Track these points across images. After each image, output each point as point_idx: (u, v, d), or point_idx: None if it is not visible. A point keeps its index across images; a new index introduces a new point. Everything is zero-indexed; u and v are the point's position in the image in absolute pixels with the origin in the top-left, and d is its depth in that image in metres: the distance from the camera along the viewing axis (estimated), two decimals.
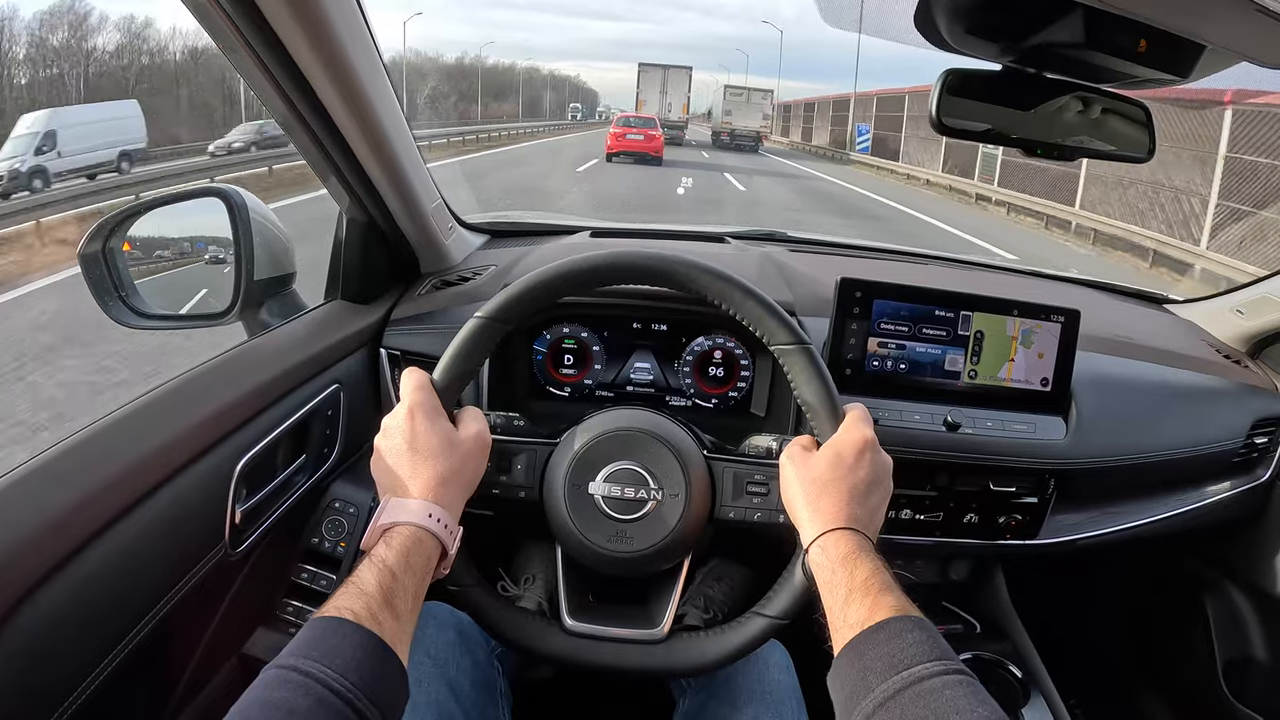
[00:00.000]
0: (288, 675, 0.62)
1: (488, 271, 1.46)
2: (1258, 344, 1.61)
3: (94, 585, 0.77)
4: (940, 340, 1.26)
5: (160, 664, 0.94)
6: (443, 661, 1.02)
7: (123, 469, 0.82)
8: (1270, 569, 1.53)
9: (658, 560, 0.94)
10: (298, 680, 0.62)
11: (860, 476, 0.84)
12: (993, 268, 2.01)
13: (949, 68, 0.97)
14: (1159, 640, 1.82)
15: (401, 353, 1.29)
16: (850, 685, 0.69)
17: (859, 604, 0.74)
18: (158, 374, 1.12)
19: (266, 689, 0.61)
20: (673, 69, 39.10)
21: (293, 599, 1.16)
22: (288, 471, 1.11)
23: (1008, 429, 1.27)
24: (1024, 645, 1.41)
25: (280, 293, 1.27)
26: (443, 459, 0.83)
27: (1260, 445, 1.50)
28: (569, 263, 0.94)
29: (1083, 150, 1.05)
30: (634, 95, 38.32)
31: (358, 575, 0.73)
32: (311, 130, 1.07)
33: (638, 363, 1.33)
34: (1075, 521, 1.38)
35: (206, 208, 1.21)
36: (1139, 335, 1.56)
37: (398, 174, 1.20)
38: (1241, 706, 1.59)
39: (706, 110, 56.23)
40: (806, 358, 0.91)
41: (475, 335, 0.91)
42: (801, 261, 1.62)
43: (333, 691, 0.62)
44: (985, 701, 0.64)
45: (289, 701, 0.60)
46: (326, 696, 0.61)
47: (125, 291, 1.19)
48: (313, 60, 0.95)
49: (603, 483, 0.92)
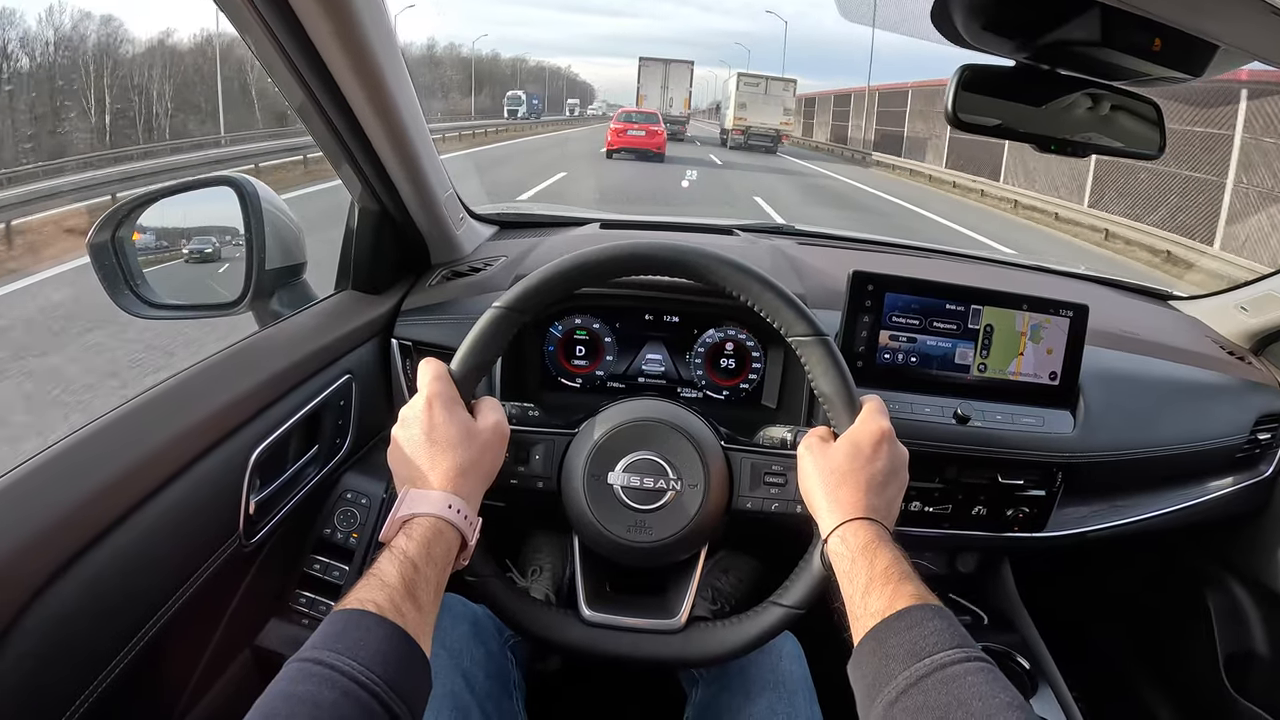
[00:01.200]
0: (311, 668, 0.62)
1: (499, 262, 1.46)
2: (1262, 340, 1.62)
3: (106, 581, 0.77)
4: (950, 334, 1.26)
5: (173, 657, 0.93)
6: (457, 653, 1.02)
7: (136, 462, 0.82)
8: (1272, 564, 1.55)
9: (676, 550, 0.94)
10: (322, 673, 0.61)
11: (878, 467, 0.85)
12: (1001, 263, 2.02)
13: (965, 63, 0.98)
14: (1162, 633, 1.83)
15: (413, 343, 1.29)
16: (872, 673, 0.70)
17: (879, 593, 0.74)
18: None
19: (290, 682, 0.61)
20: (674, 63, 38.33)
21: (305, 590, 1.16)
22: (300, 462, 1.11)
23: (1016, 422, 1.28)
24: (1031, 637, 1.42)
25: (291, 282, 1.27)
26: (462, 449, 0.83)
27: (1264, 441, 1.51)
28: (587, 253, 0.94)
29: (1093, 146, 1.05)
30: (633, 90, 37.81)
31: (379, 567, 0.72)
32: (328, 118, 1.07)
33: (649, 354, 1.34)
34: (1082, 515, 1.39)
35: (217, 196, 1.21)
36: (1145, 331, 1.57)
37: (413, 163, 1.20)
38: (1242, 700, 1.60)
39: (713, 104, 54.27)
40: (824, 349, 0.91)
41: (494, 325, 0.91)
42: (810, 254, 1.62)
43: (358, 684, 0.61)
44: (1006, 688, 0.64)
45: (313, 695, 0.60)
46: (352, 689, 0.61)
47: (135, 281, 1.19)
48: (335, 47, 0.95)
49: (622, 473, 0.93)
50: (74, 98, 29.96)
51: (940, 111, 1.01)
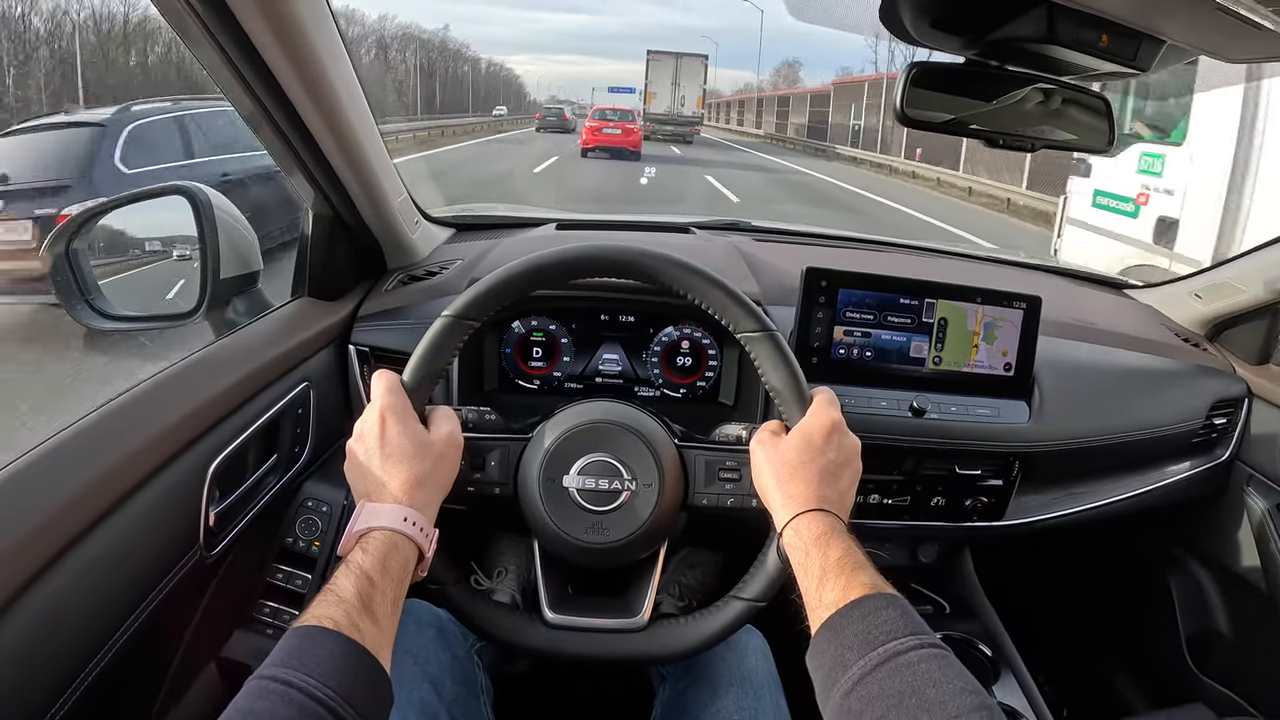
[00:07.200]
0: (270, 686, 0.62)
1: (454, 265, 1.46)
2: (1215, 327, 1.65)
3: (68, 597, 0.76)
4: (905, 328, 1.28)
5: (139, 673, 0.93)
6: (424, 659, 1.02)
7: (91, 481, 0.81)
8: (1231, 545, 1.58)
9: (634, 549, 0.95)
10: (280, 690, 0.62)
11: (830, 458, 0.86)
12: (956, 254, 2.04)
13: (914, 60, 0.99)
14: (1125, 616, 1.86)
15: (370, 349, 1.29)
16: (829, 663, 0.70)
17: (833, 583, 0.75)
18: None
19: (250, 700, 0.62)
20: (686, 57, 34.28)
21: (269, 600, 1.16)
22: (260, 472, 1.10)
23: (972, 413, 1.30)
24: (993, 624, 1.44)
25: (246, 291, 1.26)
26: (416, 461, 0.83)
27: (1219, 425, 1.54)
28: (535, 259, 0.94)
29: (1044, 141, 1.06)
30: (589, 88, 36.01)
31: (336, 583, 0.73)
32: (278, 126, 1.06)
33: (606, 354, 1.34)
34: (1040, 503, 1.41)
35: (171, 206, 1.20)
36: (1100, 320, 1.60)
37: (364, 169, 1.20)
38: (1205, 678, 1.63)
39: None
40: (773, 344, 0.92)
41: (443, 334, 0.91)
42: (766, 251, 1.63)
43: (315, 700, 0.62)
44: (960, 674, 0.65)
45: (272, 711, 0.61)
46: (309, 705, 0.61)
47: (90, 294, 1.18)
48: (280, 55, 0.94)
49: (577, 475, 0.93)
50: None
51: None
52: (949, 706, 0.62)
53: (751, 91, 60.44)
